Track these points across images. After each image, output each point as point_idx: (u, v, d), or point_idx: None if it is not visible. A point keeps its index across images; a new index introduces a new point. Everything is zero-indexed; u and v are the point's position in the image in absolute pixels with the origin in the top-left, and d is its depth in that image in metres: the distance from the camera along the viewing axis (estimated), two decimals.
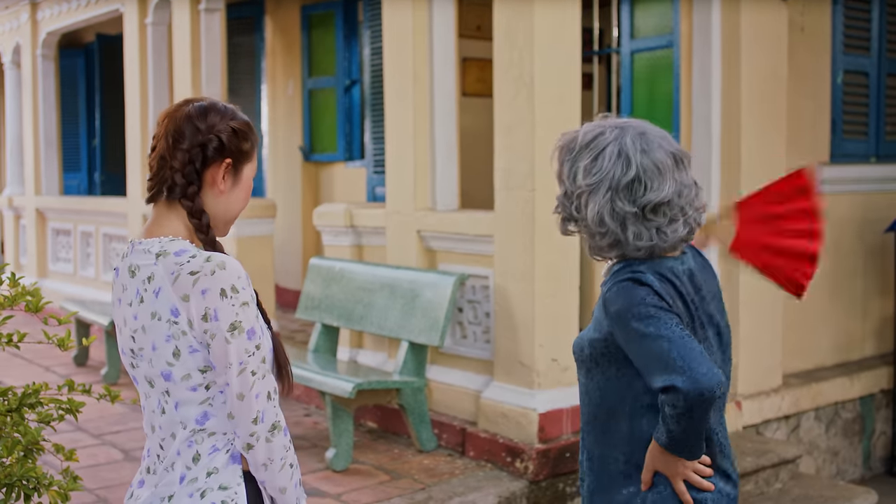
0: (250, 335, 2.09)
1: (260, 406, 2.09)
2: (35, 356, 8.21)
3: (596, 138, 2.44)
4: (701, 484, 2.44)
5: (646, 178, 2.37)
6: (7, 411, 3.50)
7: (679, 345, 2.30)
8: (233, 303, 2.07)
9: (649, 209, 2.38)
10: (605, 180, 2.38)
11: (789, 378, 6.51)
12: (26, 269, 11.69)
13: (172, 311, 2.08)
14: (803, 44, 6.58)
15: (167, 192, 2.20)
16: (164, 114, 2.24)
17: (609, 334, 2.45)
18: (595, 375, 2.53)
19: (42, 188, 11.32)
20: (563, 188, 2.51)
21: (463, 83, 9.33)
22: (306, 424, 6.27)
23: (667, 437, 2.36)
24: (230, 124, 2.22)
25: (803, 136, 6.62)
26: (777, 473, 5.75)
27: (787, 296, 6.23)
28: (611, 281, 2.45)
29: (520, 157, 5.37)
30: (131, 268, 2.17)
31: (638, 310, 2.35)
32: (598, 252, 2.48)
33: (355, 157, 9.44)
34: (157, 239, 2.17)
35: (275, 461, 2.13)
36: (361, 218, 6.57)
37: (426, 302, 5.71)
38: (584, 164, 2.42)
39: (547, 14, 5.30)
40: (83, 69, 12.35)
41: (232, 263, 2.11)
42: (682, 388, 2.26)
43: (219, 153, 2.20)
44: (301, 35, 9.81)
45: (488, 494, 5.01)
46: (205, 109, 2.21)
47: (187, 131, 2.17)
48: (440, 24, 6.13)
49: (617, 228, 2.40)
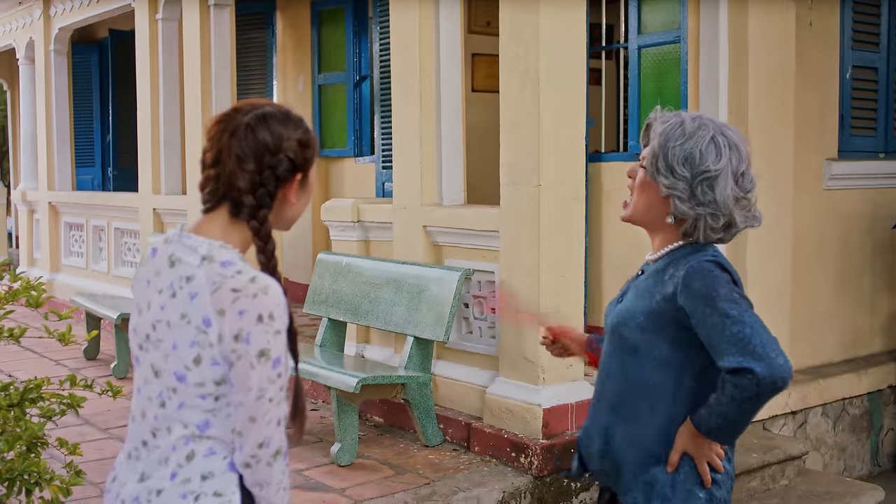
0: (275, 364, 2.06)
1: (269, 432, 2.08)
2: (45, 350, 8.28)
3: (699, 129, 2.56)
4: (719, 467, 2.57)
5: (746, 168, 2.56)
6: (8, 406, 3.53)
7: (760, 333, 2.39)
8: (266, 329, 2.03)
9: (744, 194, 2.56)
10: (727, 167, 2.52)
11: (797, 374, 6.48)
12: (40, 263, 11.77)
13: (205, 320, 2.04)
14: (812, 39, 6.55)
15: (233, 209, 2.13)
16: (216, 122, 2.16)
17: (675, 309, 2.51)
18: (641, 351, 2.59)
19: (55, 183, 11.39)
20: (669, 172, 2.55)
21: (473, 79, 9.35)
22: (313, 419, 6.29)
23: (720, 420, 2.45)
24: (295, 137, 2.15)
25: (811, 132, 6.60)
26: (783, 470, 5.74)
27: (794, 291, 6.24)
28: (693, 260, 2.52)
29: (525, 153, 5.37)
30: (172, 257, 2.12)
31: (725, 291, 2.44)
32: (711, 232, 2.57)
33: (365, 153, 9.46)
34: (207, 240, 2.12)
35: (271, 484, 2.12)
36: (368, 213, 6.59)
37: (431, 297, 5.72)
38: (700, 149, 2.52)
39: (553, 9, 5.30)
40: (97, 65, 12.40)
41: (274, 289, 2.06)
42: (759, 373, 2.35)
43: (290, 172, 2.15)
44: (311, 31, 9.82)
45: (493, 490, 5.02)
46: (264, 119, 2.14)
47: (252, 149, 2.10)
48: (447, 20, 6.13)
49: (733, 211, 2.54)
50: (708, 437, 2.51)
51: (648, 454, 2.60)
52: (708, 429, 2.49)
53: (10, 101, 16.15)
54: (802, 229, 6.48)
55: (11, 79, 15.02)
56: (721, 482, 2.59)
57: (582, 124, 5.48)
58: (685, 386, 2.56)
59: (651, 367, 2.58)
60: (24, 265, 12.29)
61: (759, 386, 2.36)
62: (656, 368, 2.58)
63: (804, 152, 6.44)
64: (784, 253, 6.19)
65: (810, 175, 6.61)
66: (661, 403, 2.58)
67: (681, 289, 2.49)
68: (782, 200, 6.14)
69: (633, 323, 2.60)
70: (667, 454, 2.57)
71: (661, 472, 2.58)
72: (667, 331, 2.54)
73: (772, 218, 6.01)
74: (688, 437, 2.55)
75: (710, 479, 2.56)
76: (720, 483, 2.59)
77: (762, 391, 2.37)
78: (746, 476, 5.54)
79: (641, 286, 2.64)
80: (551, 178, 5.31)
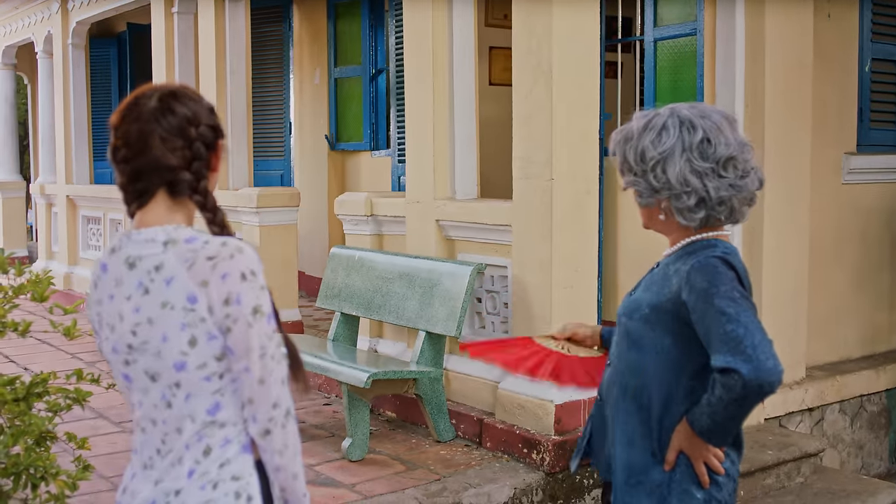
0: (269, 319, 2.06)
1: (277, 390, 2.07)
2: (62, 343, 8.28)
3: (651, 120, 2.56)
4: (718, 468, 2.53)
5: (712, 137, 2.49)
6: (14, 400, 3.52)
7: (754, 334, 2.35)
8: (253, 285, 2.03)
9: (721, 165, 2.49)
10: (676, 145, 2.50)
11: (814, 370, 6.43)
12: (58, 256, 11.81)
13: (189, 298, 2.01)
14: (830, 31, 6.47)
15: (171, 190, 2.11)
16: (123, 114, 2.11)
17: (678, 304, 2.49)
18: (644, 344, 2.57)
19: (73, 176, 11.42)
20: (631, 173, 2.61)
21: (490, 72, 9.30)
22: (326, 413, 6.27)
23: (709, 421, 2.42)
24: (205, 105, 2.16)
25: (829, 125, 6.52)
26: (799, 467, 5.68)
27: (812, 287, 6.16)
28: (700, 255, 2.49)
29: (538, 146, 5.32)
30: (129, 259, 2.10)
31: (725, 289, 2.41)
32: (687, 214, 2.54)
33: (381, 146, 9.44)
34: (161, 227, 2.10)
35: (290, 447, 2.11)
36: (382, 207, 6.56)
37: (443, 292, 5.69)
38: (648, 141, 2.53)
39: (565, 2, 5.24)
40: (115, 58, 12.45)
41: (248, 247, 2.07)
42: (745, 374, 2.31)
43: (215, 139, 2.16)
44: (328, 24, 9.81)
45: (504, 486, 4.98)
46: (174, 95, 2.13)
47: (176, 126, 2.09)
48: (460, 14, 6.08)
49: (699, 184, 2.49)
50: (701, 438, 2.48)
51: (645, 451, 2.57)
52: (700, 429, 2.46)
53: (30, 95, 16.23)
54: (820, 224, 6.41)
55: (31, 73, 15.08)
56: (722, 484, 2.55)
57: (595, 118, 5.43)
58: (683, 384, 2.53)
59: (652, 361, 2.56)
60: (42, 258, 12.34)
61: (744, 388, 2.33)
62: (657, 363, 2.56)
63: (822, 146, 6.37)
64: (801, 248, 6.12)
65: (828, 169, 6.53)
66: (659, 400, 2.56)
67: (684, 284, 2.48)
68: (800, 195, 6.07)
69: (637, 315, 2.60)
70: (663, 452, 2.55)
71: (658, 471, 2.55)
72: (669, 325, 2.53)
73: (789, 212, 5.95)
74: (684, 437, 2.52)
75: (708, 479, 2.53)
76: (720, 485, 2.56)
77: (748, 393, 2.33)
78: (761, 473, 5.48)
79: (651, 279, 2.64)
80: (564, 172, 5.27)
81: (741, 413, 2.39)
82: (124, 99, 2.17)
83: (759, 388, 2.32)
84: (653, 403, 2.56)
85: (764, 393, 2.33)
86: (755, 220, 5.74)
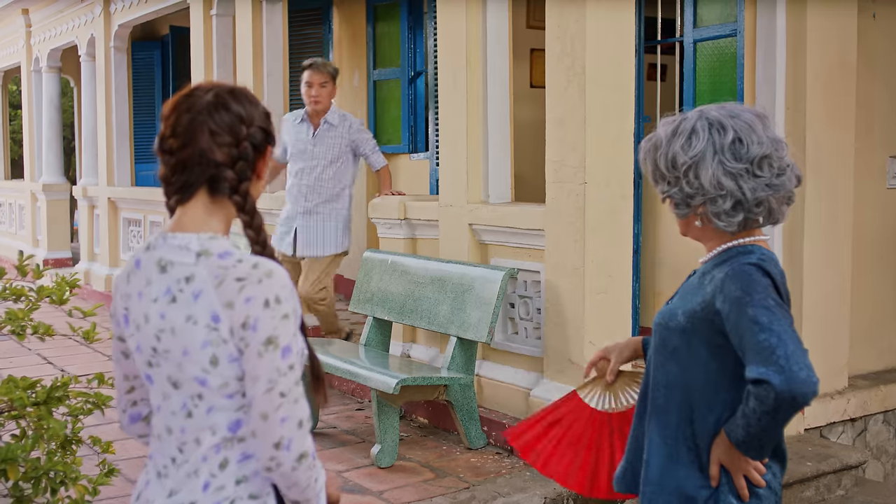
0: (285, 353, 1.95)
1: (287, 433, 1.96)
2: (100, 345, 8.32)
3: (679, 125, 2.49)
4: (759, 482, 2.45)
5: (744, 137, 2.41)
6: (34, 404, 3.50)
7: (787, 343, 2.26)
8: (273, 314, 1.95)
9: (756, 164, 2.41)
10: (707, 148, 2.43)
11: (856, 379, 6.26)
12: (100, 257, 11.90)
13: (213, 317, 1.95)
14: (876, 31, 6.30)
15: (212, 188, 2.05)
16: (175, 105, 2.07)
17: (712, 312, 2.41)
18: (681, 354, 2.50)
19: (115, 178, 11.50)
20: (664, 181, 2.54)
21: (531, 74, 9.22)
22: (357, 419, 6.22)
23: (744, 433, 2.34)
24: (261, 109, 2.11)
25: (875, 127, 6.35)
26: (839, 479, 5.53)
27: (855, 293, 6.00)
28: (735, 262, 2.42)
29: (571, 150, 5.23)
30: (161, 262, 2.03)
31: (759, 297, 2.33)
32: (724, 217, 2.45)
33: (419, 149, 9.39)
34: (195, 235, 2.03)
35: (299, 485, 2.03)
36: (415, 210, 6.50)
37: (475, 297, 5.61)
38: (678, 146, 2.46)
39: (599, 3, 5.15)
40: (159, 61, 12.54)
41: (279, 272, 1.99)
42: (776, 385, 2.23)
43: (265, 143, 2.11)
44: (367, 26, 9.78)
45: (534, 495, 4.89)
46: (232, 93, 2.08)
47: (227, 122, 2.04)
48: (494, 16, 6.01)
49: (734, 186, 2.41)
50: (738, 450, 2.39)
51: (682, 464, 2.50)
52: (736, 441, 2.38)
53: (76, 98, 16.39)
54: (863, 229, 6.24)
55: (77, 75, 15.24)
56: (763, 497, 2.47)
57: (630, 121, 5.33)
58: (721, 395, 2.45)
59: (689, 371, 2.49)
60: (84, 260, 12.43)
61: (777, 399, 2.24)
62: (694, 373, 2.48)
63: (866, 149, 6.20)
64: (844, 253, 5.95)
65: (873, 173, 6.36)
66: (697, 411, 2.48)
67: (718, 292, 2.39)
68: (842, 199, 5.90)
69: (673, 323, 2.52)
70: (703, 464, 2.47)
71: (698, 485, 2.47)
72: (705, 334, 2.45)
73: (831, 216, 5.79)
74: (722, 449, 2.44)
75: (748, 492, 2.44)
76: (762, 498, 2.47)
77: (780, 405, 2.24)
78: (800, 485, 5.34)
79: (687, 287, 2.56)
80: (597, 176, 5.17)
81: (776, 425, 2.30)
82: (177, 92, 2.13)
83: (791, 399, 2.23)
84: (694, 416, 2.49)
85: (798, 405, 2.25)
86: (796, 225, 5.60)
